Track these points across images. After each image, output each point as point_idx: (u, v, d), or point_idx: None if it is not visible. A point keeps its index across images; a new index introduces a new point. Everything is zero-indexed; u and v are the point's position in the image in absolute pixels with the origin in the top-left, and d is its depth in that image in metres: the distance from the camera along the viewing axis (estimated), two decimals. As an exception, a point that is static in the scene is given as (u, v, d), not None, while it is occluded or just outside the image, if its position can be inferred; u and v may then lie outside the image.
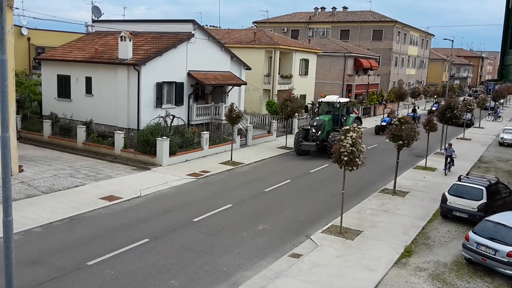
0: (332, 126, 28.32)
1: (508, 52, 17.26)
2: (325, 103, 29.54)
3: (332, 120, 28.50)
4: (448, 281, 12.30)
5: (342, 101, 29.21)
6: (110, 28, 30.36)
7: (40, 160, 23.38)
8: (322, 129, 27.14)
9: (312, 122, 28.21)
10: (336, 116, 28.84)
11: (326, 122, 27.64)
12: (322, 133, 27.21)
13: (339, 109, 28.87)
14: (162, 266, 12.46)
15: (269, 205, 18.30)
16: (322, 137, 27.27)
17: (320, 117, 28.41)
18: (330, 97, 30.18)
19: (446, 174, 23.87)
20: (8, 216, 6.34)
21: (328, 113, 29.08)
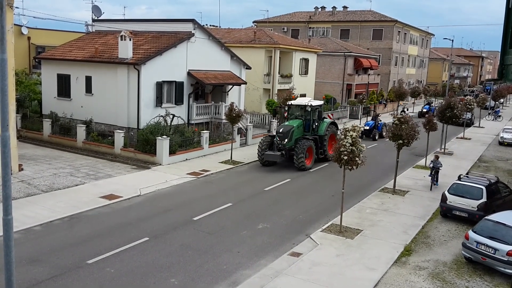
0: (302, 133, 25.19)
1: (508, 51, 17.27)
2: (295, 106, 26.20)
3: (303, 126, 25.33)
4: (448, 280, 12.31)
5: (314, 104, 25.78)
6: (110, 27, 30.36)
7: (40, 159, 23.38)
8: (289, 136, 23.82)
9: (278, 128, 24.81)
10: (307, 121, 25.58)
11: (295, 129, 24.23)
12: (290, 141, 23.91)
13: (311, 114, 25.51)
14: (162, 265, 12.47)
15: (269, 204, 18.31)
16: (290, 146, 23.97)
17: (289, 122, 25.17)
18: (301, 100, 27.03)
19: (432, 189, 20.94)
20: (8, 215, 6.34)
21: (298, 117, 25.76)
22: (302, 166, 23.48)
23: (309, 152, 24.26)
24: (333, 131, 26.48)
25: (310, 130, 25.49)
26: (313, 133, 25.41)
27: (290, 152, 24.10)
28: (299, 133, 24.72)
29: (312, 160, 24.39)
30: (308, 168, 23.89)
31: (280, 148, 23.93)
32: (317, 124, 25.75)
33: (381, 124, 36.28)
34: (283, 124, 25.57)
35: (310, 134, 25.24)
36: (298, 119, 25.53)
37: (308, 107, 25.46)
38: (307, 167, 23.79)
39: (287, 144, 23.86)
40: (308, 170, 24.35)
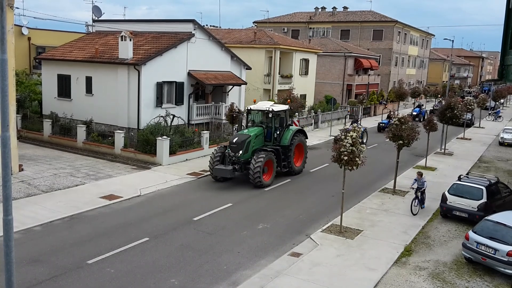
0: (263, 143, 21.72)
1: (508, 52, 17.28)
2: (255, 111, 22.69)
3: (263, 135, 21.83)
4: (448, 280, 12.31)
5: (277, 109, 22.03)
6: (111, 28, 30.38)
7: (40, 159, 23.39)
8: (244, 147, 20.39)
9: (231, 138, 21.16)
10: (269, 129, 22.03)
11: (252, 138, 20.74)
12: (245, 152, 20.49)
13: (273, 120, 21.92)
14: (162, 265, 12.47)
15: (269, 204, 18.31)
16: (246, 158, 20.53)
17: (248, 130, 21.59)
18: (262, 104, 23.19)
19: (416, 213, 17.35)
20: (8, 215, 6.35)
21: (259, 125, 22.24)
22: (258, 183, 19.90)
23: (269, 165, 20.62)
24: (301, 140, 23.12)
25: (272, 139, 21.95)
26: (275, 142, 22.00)
27: (246, 165, 20.50)
28: (258, 143, 21.27)
29: (272, 175, 20.85)
30: (266, 185, 20.31)
31: (234, 161, 20.38)
32: (278, 132, 22.09)
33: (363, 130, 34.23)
34: (238, 133, 21.82)
35: (272, 144, 21.86)
36: (258, 126, 21.92)
37: (270, 113, 21.75)
38: (264, 184, 20.18)
39: (242, 156, 20.34)
40: (310, 170, 24.33)
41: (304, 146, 23.46)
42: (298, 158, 23.36)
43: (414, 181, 18.02)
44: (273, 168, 20.92)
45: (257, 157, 19.93)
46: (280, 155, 21.59)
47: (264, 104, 23.03)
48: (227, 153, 20.63)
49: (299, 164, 23.29)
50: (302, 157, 23.50)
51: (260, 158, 19.86)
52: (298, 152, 23.28)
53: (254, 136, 20.99)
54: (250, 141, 20.66)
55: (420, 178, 17.76)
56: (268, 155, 20.33)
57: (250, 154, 20.64)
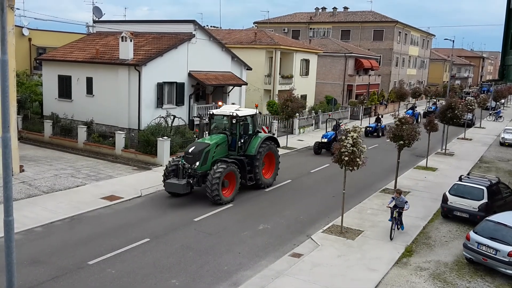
0: (227, 152, 19.19)
1: (509, 52, 17.31)
2: (219, 116, 20.09)
3: (227, 143, 19.28)
4: (449, 281, 12.30)
5: (242, 114, 19.53)
6: (111, 28, 30.40)
7: (41, 160, 23.41)
8: (201, 158, 17.84)
9: (187, 148, 18.66)
10: (234, 136, 19.45)
11: (211, 147, 18.21)
12: (203, 164, 17.92)
13: (237, 126, 19.36)
14: (163, 266, 12.48)
15: (269, 205, 18.30)
16: (204, 171, 17.89)
17: (209, 138, 19.20)
18: (226, 108, 20.62)
19: (392, 238, 14.89)
20: (9, 216, 6.36)
21: (222, 132, 19.78)
22: (217, 198, 17.35)
23: (230, 179, 18.09)
24: (271, 149, 20.59)
25: (237, 148, 19.39)
26: (240, 152, 19.50)
27: (205, 179, 17.75)
28: (220, 153, 18.79)
29: (235, 190, 18.31)
30: (227, 201, 17.78)
31: (191, 174, 17.82)
32: (243, 140, 19.54)
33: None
34: (196, 141, 19.57)
35: (237, 153, 19.31)
36: (221, 133, 19.49)
37: (234, 118, 19.23)
38: (224, 200, 17.65)
39: (200, 168, 17.78)
40: (311, 170, 24.29)
41: (275, 155, 20.96)
42: (268, 170, 20.83)
43: (391, 200, 15.45)
44: (236, 181, 18.26)
45: (216, 169, 17.29)
46: (245, 166, 18.99)
47: (229, 108, 20.43)
48: (180, 165, 17.86)
49: (269, 176, 20.75)
50: (273, 168, 21.02)
51: (219, 170, 17.26)
52: (268, 162, 20.82)
53: (215, 145, 18.43)
54: (209, 151, 18.09)
55: (399, 196, 15.24)
56: (229, 166, 17.71)
57: (209, 166, 17.97)
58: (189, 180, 17.62)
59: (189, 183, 17.57)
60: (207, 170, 17.91)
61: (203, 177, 17.82)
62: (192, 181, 17.70)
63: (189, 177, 17.75)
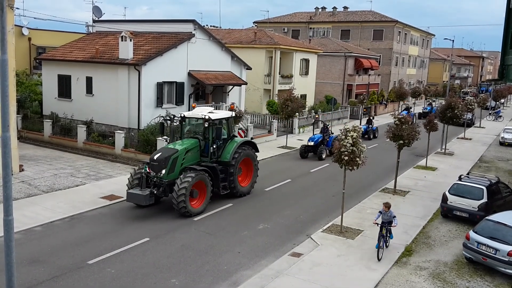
0: (199, 158, 17.57)
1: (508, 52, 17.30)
2: (191, 118, 18.45)
3: (199, 148, 17.63)
4: (449, 280, 12.30)
5: (216, 116, 17.81)
6: (111, 28, 30.39)
7: (40, 160, 23.40)
8: (168, 165, 16.22)
9: (153, 154, 16.89)
10: (207, 140, 17.79)
11: (179, 153, 16.60)
12: (171, 172, 16.32)
13: (210, 130, 17.63)
14: (163, 265, 12.47)
15: (269, 205, 18.30)
16: (171, 179, 16.26)
17: (179, 142, 17.55)
18: (198, 110, 18.88)
19: (380, 258, 13.26)
20: (8, 215, 6.34)
21: (194, 136, 18.08)
22: (183, 211, 15.83)
23: (200, 188, 16.50)
24: (248, 154, 18.97)
25: (210, 154, 17.75)
26: (212, 158, 17.83)
27: (170, 187, 16.20)
28: (191, 159, 17.18)
29: (205, 200, 16.72)
30: (196, 213, 16.24)
31: (156, 183, 16.30)
32: (215, 145, 17.87)
33: (332, 137, 27.67)
34: (164, 146, 18.15)
35: (209, 160, 17.71)
36: (193, 138, 17.87)
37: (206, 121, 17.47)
38: (193, 212, 16.12)
39: (166, 177, 16.18)
40: (310, 170, 24.27)
41: (253, 162, 19.30)
42: (245, 177, 19.26)
43: (378, 215, 13.81)
44: (207, 191, 16.70)
45: (183, 178, 15.74)
46: (217, 174, 17.42)
47: (202, 110, 18.78)
48: (144, 173, 16.30)
49: (246, 184, 19.12)
50: (251, 175, 19.34)
51: (186, 180, 15.68)
52: (245, 169, 19.27)
53: (184, 151, 16.79)
54: (177, 157, 16.45)
55: (387, 211, 13.61)
56: (198, 175, 16.11)
57: (177, 174, 16.38)
58: (153, 190, 15.97)
59: (152, 193, 15.94)
60: (175, 178, 16.20)
61: (171, 186, 16.09)
62: (157, 191, 16.09)
63: (154, 187, 16.19)
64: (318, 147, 27.29)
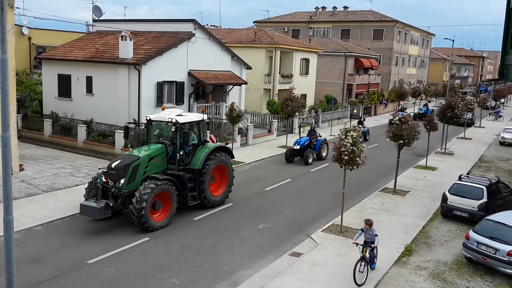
0: (165, 166, 16.08)
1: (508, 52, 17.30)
2: (157, 122, 16.82)
3: (166, 155, 16.10)
4: (449, 280, 12.30)
5: (184, 120, 16.39)
6: (111, 27, 30.39)
7: (40, 159, 23.40)
8: (128, 174, 14.68)
9: (111, 162, 15.29)
10: (175, 146, 16.23)
11: (141, 161, 15.07)
12: (131, 181, 14.80)
13: (178, 135, 16.06)
14: (163, 265, 12.48)
15: (269, 204, 18.30)
16: (131, 190, 14.70)
17: (144, 148, 16.02)
18: (167, 112, 17.27)
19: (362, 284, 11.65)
20: (8, 215, 6.35)
21: (161, 141, 16.46)
22: (145, 225, 14.39)
23: (163, 199, 15.04)
24: (222, 161, 17.45)
25: (177, 161, 16.19)
26: (179, 165, 16.25)
27: (130, 199, 14.67)
28: (157, 167, 15.67)
29: (170, 212, 15.25)
30: (158, 227, 14.79)
31: (115, 194, 14.76)
32: (183, 151, 16.29)
33: (320, 141, 26.80)
34: (124, 153, 16.65)
35: (177, 168, 16.15)
36: (160, 143, 16.28)
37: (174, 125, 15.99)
38: (155, 226, 14.67)
39: (126, 187, 14.65)
40: (310, 170, 24.28)
41: (228, 169, 17.80)
42: (218, 186, 17.76)
43: (359, 233, 12.49)
44: (171, 202, 15.22)
45: (143, 189, 14.27)
46: (185, 183, 15.89)
47: (170, 112, 17.10)
48: (99, 183, 14.66)
49: (220, 193, 17.59)
50: (225, 184, 17.83)
51: (147, 190, 14.24)
52: (219, 177, 17.76)
53: (147, 158, 15.25)
54: (138, 165, 14.90)
55: (369, 228, 12.36)
56: (161, 185, 14.64)
57: (139, 184, 14.82)
58: (109, 203, 14.33)
59: (108, 206, 14.29)
60: (132, 189, 14.69)
61: (131, 198, 14.56)
62: (114, 203, 14.53)
63: (112, 198, 14.68)
64: (305, 151, 25.76)
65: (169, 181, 15.17)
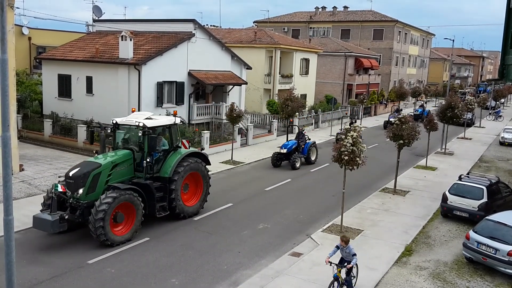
0: (131, 174, 14.79)
1: (508, 51, 17.30)
2: (124, 126, 15.49)
3: (132, 162, 14.81)
4: (449, 280, 12.30)
5: (153, 124, 15.03)
6: (111, 27, 30.39)
7: (40, 159, 23.40)
8: (87, 183, 13.48)
9: (69, 170, 13.98)
10: (143, 152, 14.82)
11: (103, 169, 13.84)
12: (91, 191, 13.57)
13: (146, 140, 14.63)
14: (163, 265, 12.48)
15: (269, 204, 18.31)
16: (90, 200, 13.42)
17: (112, 154, 14.74)
18: (135, 115, 16.01)
19: None
20: (9, 215, 6.35)
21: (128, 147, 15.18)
22: (102, 239, 13.09)
23: (126, 211, 13.77)
24: (196, 168, 16.08)
25: (145, 169, 14.74)
26: (148, 172, 14.82)
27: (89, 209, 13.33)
28: (122, 175, 14.42)
29: (134, 225, 13.91)
30: (120, 241, 13.52)
31: (72, 205, 13.54)
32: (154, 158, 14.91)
33: (308, 144, 25.70)
34: (85, 160, 14.96)
35: (144, 176, 14.76)
36: (127, 149, 14.98)
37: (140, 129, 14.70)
38: (116, 241, 13.40)
39: (84, 198, 13.42)
40: (310, 170, 24.27)
41: (203, 176, 16.44)
42: (192, 195, 16.45)
43: (334, 250, 11.15)
44: (136, 214, 13.90)
45: (102, 200, 13.00)
46: (152, 192, 14.57)
47: (138, 115, 15.84)
48: (53, 193, 13.38)
49: (194, 203, 16.30)
50: (200, 193, 16.53)
51: (106, 201, 12.98)
52: (193, 185, 16.44)
53: (109, 165, 13.98)
54: (99, 173, 13.68)
55: (345, 246, 10.90)
56: (122, 195, 13.36)
57: (100, 194, 13.51)
58: (64, 215, 12.95)
59: (63, 218, 12.87)
60: (92, 200, 13.42)
61: (86, 209, 13.34)
62: (71, 216, 13.23)
63: (71, 210, 13.46)
64: (292, 155, 24.54)
65: (133, 191, 13.81)
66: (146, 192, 14.46)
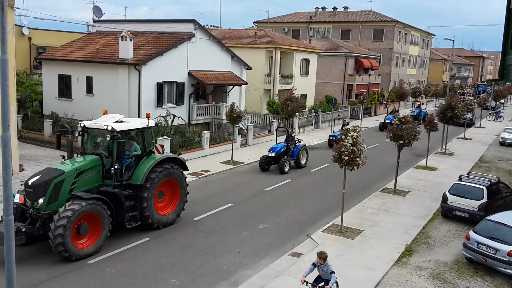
0: (99, 181, 13.73)
1: (509, 52, 17.30)
2: (93, 130, 14.38)
3: (100, 168, 13.74)
4: (449, 280, 12.30)
5: (123, 127, 13.97)
6: (111, 28, 30.39)
7: (40, 160, 23.40)
8: (48, 192, 12.46)
9: (28, 178, 13.02)
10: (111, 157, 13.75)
11: (66, 176, 12.82)
12: (52, 201, 12.56)
13: (116, 145, 13.48)
14: (163, 265, 12.48)
15: (269, 204, 18.30)
16: (51, 211, 12.37)
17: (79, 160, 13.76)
18: (105, 118, 14.58)
19: None
20: (9, 215, 6.35)
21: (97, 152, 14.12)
22: (64, 254, 12.08)
23: (92, 222, 12.72)
24: (172, 174, 15.03)
25: (114, 176, 13.68)
26: (118, 179, 13.81)
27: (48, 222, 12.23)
28: (89, 183, 13.39)
29: (100, 237, 12.89)
30: (84, 255, 12.48)
31: (32, 215, 12.46)
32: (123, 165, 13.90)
33: (298, 147, 24.69)
34: (47, 167, 14.15)
35: (113, 182, 13.71)
36: (96, 155, 13.95)
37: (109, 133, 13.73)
38: (79, 254, 12.34)
39: (45, 208, 12.41)
40: (310, 170, 24.27)
41: (180, 183, 15.37)
42: (168, 203, 15.37)
43: (310, 268, 10.31)
44: (102, 225, 12.87)
45: (63, 211, 11.96)
46: (121, 201, 13.47)
47: (109, 118, 14.38)
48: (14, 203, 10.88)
49: (170, 212, 15.25)
50: (176, 201, 15.44)
51: (65, 215, 11.88)
52: (169, 193, 15.35)
53: (73, 172, 12.96)
54: (61, 182, 12.67)
55: (323, 263, 10.14)
56: (87, 205, 12.32)
57: (63, 204, 12.45)
58: (21, 227, 11.86)
59: (20, 231, 11.72)
60: (53, 210, 12.41)
61: (47, 220, 12.25)
62: (30, 228, 12.19)
63: (31, 221, 12.40)
64: (280, 158, 23.50)
65: (99, 200, 12.76)
66: (114, 201, 13.29)
